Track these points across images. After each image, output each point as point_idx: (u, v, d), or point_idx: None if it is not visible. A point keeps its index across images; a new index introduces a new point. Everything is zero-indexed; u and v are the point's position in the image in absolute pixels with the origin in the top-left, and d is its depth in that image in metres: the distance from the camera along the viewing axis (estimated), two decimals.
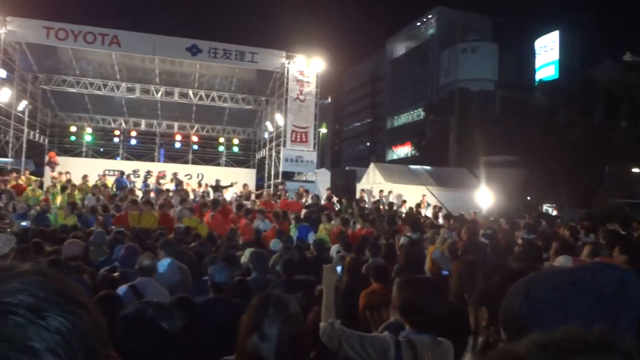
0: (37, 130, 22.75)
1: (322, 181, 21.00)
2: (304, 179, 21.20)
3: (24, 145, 20.80)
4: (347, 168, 26.23)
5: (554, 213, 26.31)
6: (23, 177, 17.69)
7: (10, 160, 19.51)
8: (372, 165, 22.56)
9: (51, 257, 5.30)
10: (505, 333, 1.05)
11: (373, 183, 21.00)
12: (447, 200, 18.41)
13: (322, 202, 16.95)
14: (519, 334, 0.86)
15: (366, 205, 16.63)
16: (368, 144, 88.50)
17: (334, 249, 7.89)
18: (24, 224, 9.15)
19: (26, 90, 21.39)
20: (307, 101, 20.63)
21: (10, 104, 19.42)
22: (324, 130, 52.42)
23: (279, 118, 21.15)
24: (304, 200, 16.79)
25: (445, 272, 5.74)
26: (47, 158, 20.75)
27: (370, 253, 6.71)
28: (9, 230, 8.35)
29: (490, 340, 1.51)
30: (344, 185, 20.75)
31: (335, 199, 17.43)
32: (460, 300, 3.04)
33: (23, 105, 20.84)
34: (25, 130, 21.11)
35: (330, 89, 76.94)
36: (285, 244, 7.67)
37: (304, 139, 20.57)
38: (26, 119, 21.23)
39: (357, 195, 18.86)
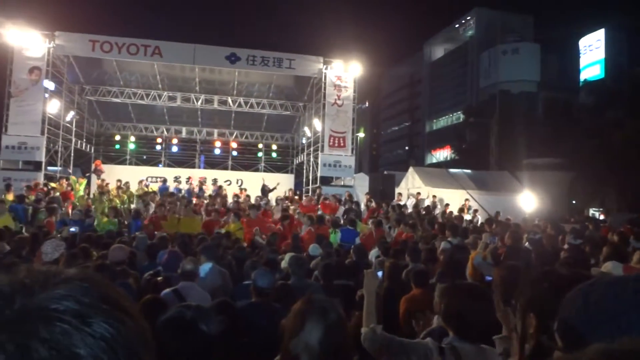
0: (84, 140, 23.48)
1: (360, 186, 20.83)
2: (342, 183, 21.00)
3: (72, 154, 21.42)
4: (385, 172, 25.47)
5: (601, 217, 25.31)
6: (78, 185, 18.27)
7: (59, 168, 20.13)
8: (411, 169, 22.17)
9: (98, 261, 5.40)
10: (562, 341, 0.99)
11: (412, 187, 20.67)
12: (488, 204, 17.94)
13: (362, 206, 16.90)
14: (578, 343, 0.81)
15: (408, 210, 16.27)
16: (406, 147, 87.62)
17: (373, 253, 7.82)
18: (72, 229, 9.37)
19: (74, 101, 21.95)
20: (345, 106, 20.52)
21: (59, 115, 20.01)
22: (361, 134, 52.05)
23: (317, 123, 21.12)
24: (347, 206, 16.48)
25: (488, 278, 5.59)
26: (93, 166, 21.28)
27: (410, 258, 6.59)
28: (59, 235, 8.52)
29: (544, 346, 1.44)
30: (382, 189, 20.30)
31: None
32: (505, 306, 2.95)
33: (71, 115, 21.41)
34: (73, 139, 21.67)
35: (368, 93, 76.57)
36: (325, 249, 7.57)
37: (342, 144, 20.48)
38: (74, 129, 21.78)
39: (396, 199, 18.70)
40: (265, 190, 19.28)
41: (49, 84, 19.07)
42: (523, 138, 38.64)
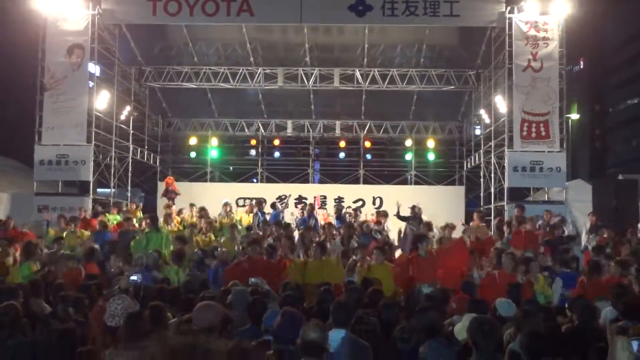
0: (146, 146, 19.53)
1: (577, 200, 16.01)
2: (545, 197, 16.04)
3: (130, 169, 17.44)
4: (620, 177, 19.52)
5: None
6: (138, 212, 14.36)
7: (113, 190, 16.06)
8: None
9: (181, 327, 4.75)
10: None
11: None
12: None
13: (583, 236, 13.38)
14: None
15: None
16: None
17: (607, 313, 5.99)
18: (133, 278, 7.53)
19: (130, 91, 18.21)
20: (546, 70, 15.44)
21: (110, 113, 16.10)
22: (575, 115, 40.21)
23: (500, 102, 16.60)
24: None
25: None
26: (164, 185, 16.71)
27: None
28: (117, 287, 6.81)
29: None
30: (616, 205, 15.07)
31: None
32: None
33: (126, 112, 17.59)
34: (131, 148, 17.64)
35: (584, 46, 51.97)
36: (525, 306, 5.83)
37: (544, 133, 15.45)
38: (131, 132, 17.72)
39: None
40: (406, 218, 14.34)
41: (95, 68, 15.46)
42: None
